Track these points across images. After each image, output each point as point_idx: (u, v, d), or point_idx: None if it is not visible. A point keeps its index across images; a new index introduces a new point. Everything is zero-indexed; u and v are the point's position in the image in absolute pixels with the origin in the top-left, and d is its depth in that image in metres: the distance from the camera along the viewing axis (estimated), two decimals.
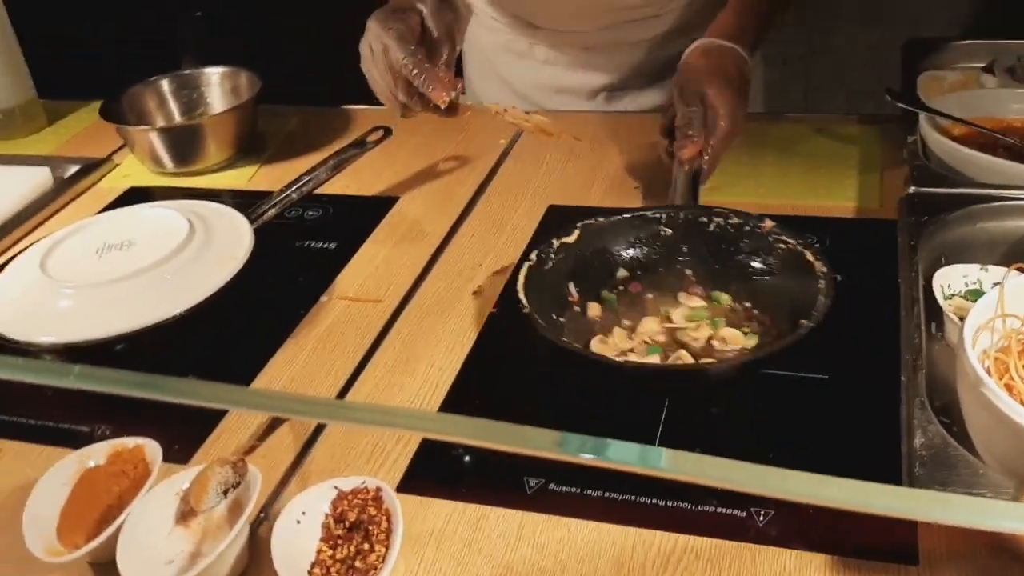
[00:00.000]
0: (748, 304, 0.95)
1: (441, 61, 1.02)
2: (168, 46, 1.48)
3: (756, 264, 0.97)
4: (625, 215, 1.00)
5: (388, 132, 1.24)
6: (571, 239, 0.97)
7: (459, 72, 1.07)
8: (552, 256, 0.96)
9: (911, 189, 1.00)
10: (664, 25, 1.37)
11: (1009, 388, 0.70)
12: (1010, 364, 0.73)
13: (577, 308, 0.96)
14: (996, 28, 1.36)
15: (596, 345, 0.92)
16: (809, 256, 0.91)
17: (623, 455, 0.42)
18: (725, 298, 0.96)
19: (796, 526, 0.75)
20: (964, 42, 1.32)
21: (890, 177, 1.15)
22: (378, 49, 1.00)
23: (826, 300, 0.85)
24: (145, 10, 2.29)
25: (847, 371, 0.86)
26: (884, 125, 1.27)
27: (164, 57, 1.47)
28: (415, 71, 0.97)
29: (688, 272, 0.99)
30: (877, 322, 0.87)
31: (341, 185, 1.25)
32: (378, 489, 0.76)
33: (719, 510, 0.77)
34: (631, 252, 1.00)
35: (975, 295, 0.88)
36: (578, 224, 0.98)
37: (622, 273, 0.99)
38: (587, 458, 0.43)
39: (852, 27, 2.90)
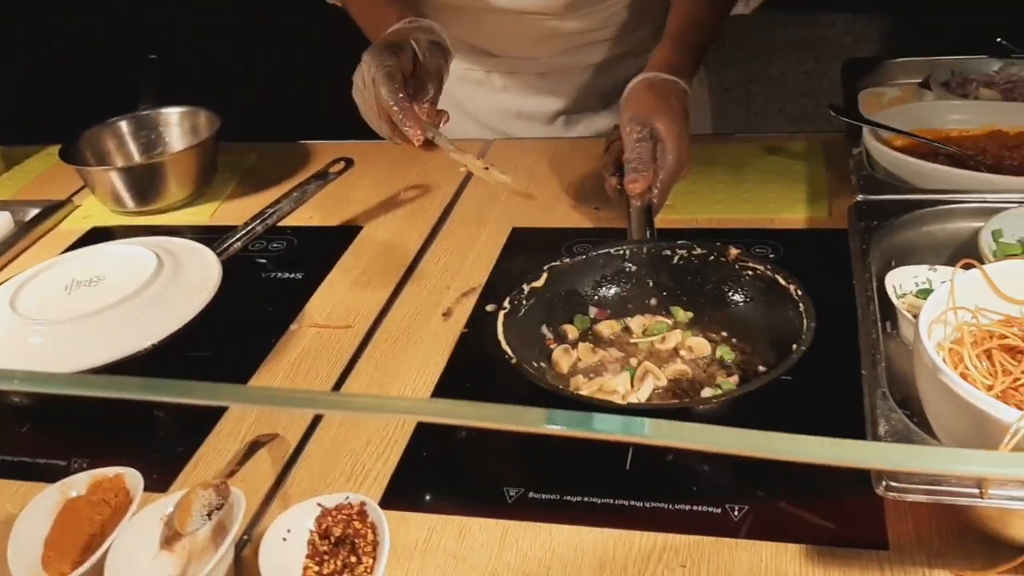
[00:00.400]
0: (725, 333, 0.96)
1: (427, 98, 1.05)
2: (124, 89, 1.48)
3: (728, 294, 0.98)
4: (590, 254, 1.02)
5: (350, 163, 1.26)
6: (539, 283, 0.98)
7: None
8: (524, 302, 0.96)
9: (859, 197, 1.05)
10: (613, 49, 1.42)
11: (964, 377, 0.74)
12: (964, 354, 0.76)
13: (553, 347, 0.96)
14: (921, 51, 1.41)
15: (559, 354, 0.94)
16: (782, 281, 0.93)
17: (607, 426, 0.45)
18: (682, 314, 0.99)
19: (770, 519, 0.78)
20: (900, 60, 1.38)
21: (836, 189, 1.21)
22: (368, 83, 1.03)
23: (811, 323, 0.87)
24: (99, 55, 2.29)
25: (810, 371, 0.88)
26: (826, 142, 1.32)
27: (120, 100, 1.48)
28: (395, 108, 1.01)
29: (653, 303, 1.01)
30: (835, 323, 0.89)
31: (305, 217, 1.27)
32: (362, 503, 0.77)
33: (695, 508, 0.79)
34: (600, 291, 1.02)
35: (926, 294, 0.92)
36: (545, 267, 0.99)
37: (593, 312, 1.00)
38: (574, 431, 0.45)
39: (787, 56, 3.00)
